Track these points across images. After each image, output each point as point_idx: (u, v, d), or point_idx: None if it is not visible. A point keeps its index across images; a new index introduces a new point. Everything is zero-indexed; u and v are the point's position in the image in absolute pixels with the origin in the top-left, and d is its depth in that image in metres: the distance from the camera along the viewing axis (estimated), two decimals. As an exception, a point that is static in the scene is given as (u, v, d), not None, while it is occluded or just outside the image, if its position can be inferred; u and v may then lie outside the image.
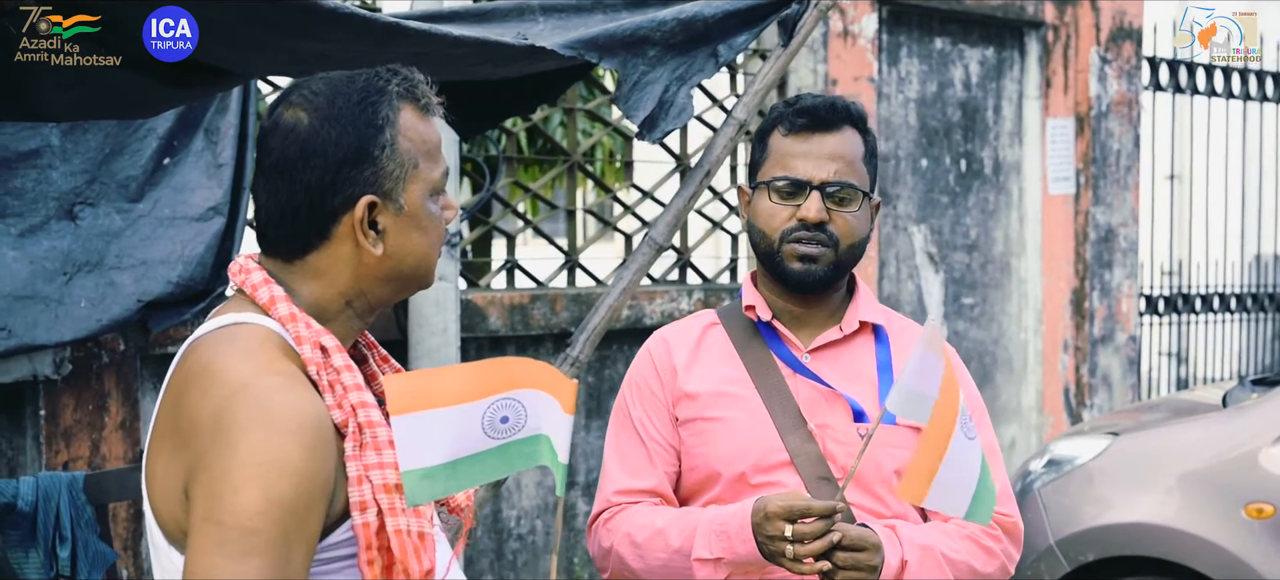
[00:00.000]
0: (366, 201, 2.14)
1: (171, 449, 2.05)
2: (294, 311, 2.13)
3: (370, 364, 2.35)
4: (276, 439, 1.96)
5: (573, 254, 6.77)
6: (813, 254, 2.99)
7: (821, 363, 3.05)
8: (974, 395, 3.09)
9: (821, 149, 3.01)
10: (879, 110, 7.93)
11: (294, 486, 1.95)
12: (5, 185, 4.71)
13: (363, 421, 2.07)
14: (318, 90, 2.17)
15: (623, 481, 3.09)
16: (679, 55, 4.15)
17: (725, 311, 3.17)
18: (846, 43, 7.69)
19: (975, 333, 8.55)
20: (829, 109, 3.04)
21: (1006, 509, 3.05)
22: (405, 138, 2.18)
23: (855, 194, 2.99)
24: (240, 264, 2.20)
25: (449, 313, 5.76)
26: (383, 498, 2.06)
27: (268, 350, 2.07)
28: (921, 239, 8.23)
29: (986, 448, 3.06)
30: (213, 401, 2.00)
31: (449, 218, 2.27)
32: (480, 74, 4.20)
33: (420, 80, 2.23)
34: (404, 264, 2.21)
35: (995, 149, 8.64)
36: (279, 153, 2.15)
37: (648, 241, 4.35)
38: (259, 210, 2.18)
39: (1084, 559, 5.63)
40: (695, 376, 3.07)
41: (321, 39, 3.62)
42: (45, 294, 4.70)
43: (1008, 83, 8.70)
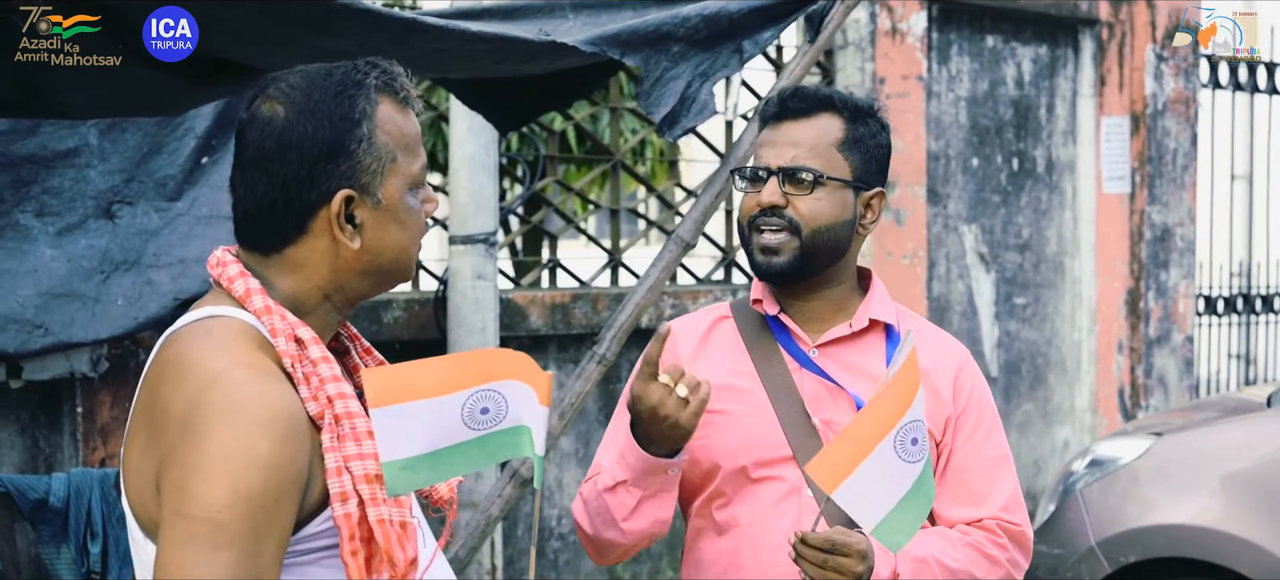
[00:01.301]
0: (343, 196, 2.14)
1: (145, 442, 2.06)
2: (269, 304, 2.13)
3: (352, 356, 2.34)
4: (245, 432, 1.96)
5: (616, 253, 6.76)
6: (772, 244, 2.96)
7: (828, 358, 3.02)
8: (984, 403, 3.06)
9: (786, 135, 3.00)
10: (928, 108, 7.87)
11: (263, 479, 1.95)
12: (43, 184, 4.74)
13: (341, 412, 2.07)
14: (294, 84, 2.17)
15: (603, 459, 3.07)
16: (703, 51, 4.14)
17: (737, 305, 3.15)
18: (895, 40, 7.64)
19: (1027, 333, 8.47)
20: (795, 95, 3.03)
21: (1014, 518, 3.01)
22: (382, 131, 2.17)
23: (811, 175, 2.95)
24: (218, 257, 2.20)
25: (488, 312, 5.76)
26: (364, 488, 2.05)
27: (241, 343, 2.07)
28: (972, 239, 8.16)
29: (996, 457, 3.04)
30: (184, 394, 2.01)
31: (430, 211, 2.26)
32: (505, 71, 4.20)
33: (399, 73, 2.22)
34: (382, 258, 2.20)
35: (1048, 148, 8.56)
36: (255, 146, 2.15)
37: (674, 240, 4.34)
38: (236, 204, 2.19)
39: (1125, 560, 5.56)
40: (700, 369, 3.04)
41: (340, 35, 3.62)
42: (83, 292, 4.74)
43: (1061, 81, 8.62)
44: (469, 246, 5.72)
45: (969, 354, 3.12)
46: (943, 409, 3.02)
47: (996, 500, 3.00)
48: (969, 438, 3.02)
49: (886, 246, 7.60)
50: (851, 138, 3.01)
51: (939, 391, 3.02)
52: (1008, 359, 8.33)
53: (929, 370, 3.02)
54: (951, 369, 3.06)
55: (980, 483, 3.01)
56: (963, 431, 3.02)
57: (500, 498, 4.45)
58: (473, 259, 5.73)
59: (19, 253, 4.67)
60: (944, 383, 3.03)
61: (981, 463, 3.02)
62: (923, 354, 3.02)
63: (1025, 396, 8.44)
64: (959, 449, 3.02)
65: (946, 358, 3.07)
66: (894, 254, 7.64)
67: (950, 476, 3.01)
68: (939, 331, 3.16)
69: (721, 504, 3.01)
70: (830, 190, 2.97)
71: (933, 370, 3.03)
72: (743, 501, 2.95)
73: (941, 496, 3.01)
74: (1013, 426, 8.34)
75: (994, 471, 3.02)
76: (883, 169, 3.08)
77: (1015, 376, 8.38)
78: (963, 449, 3.02)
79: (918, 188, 7.76)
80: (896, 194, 7.62)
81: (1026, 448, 8.44)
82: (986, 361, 8.20)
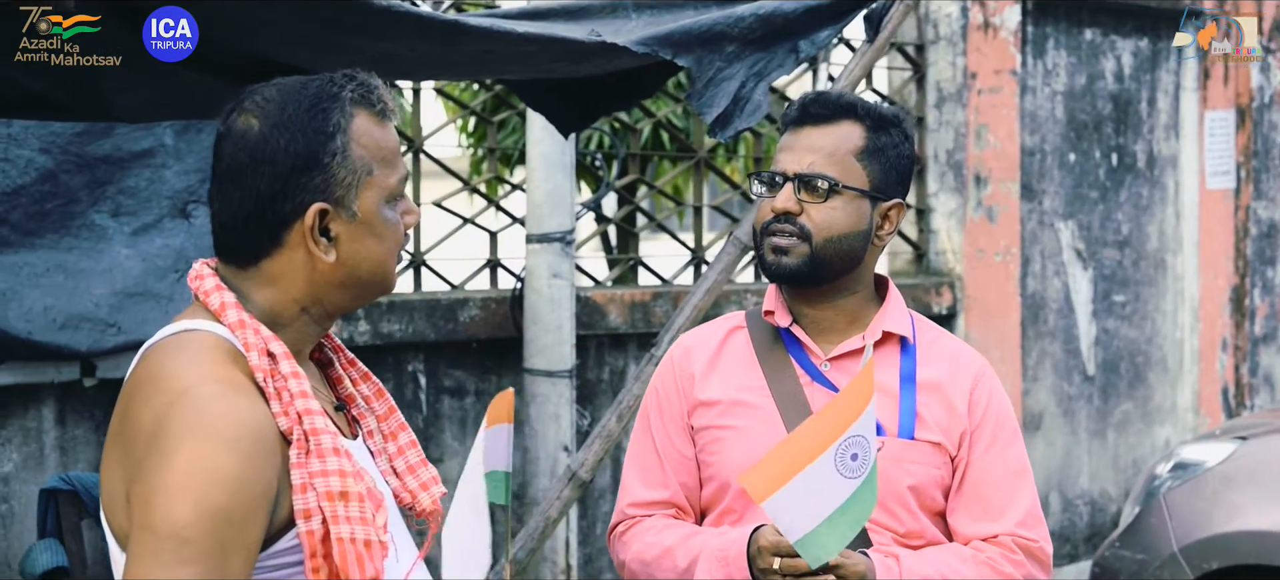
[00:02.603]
0: (317, 209, 2.13)
1: (118, 456, 2.07)
2: (243, 317, 2.12)
3: (336, 368, 2.34)
4: (211, 448, 1.96)
5: (699, 250, 6.73)
6: (783, 245, 2.92)
7: (841, 372, 2.96)
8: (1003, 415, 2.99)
9: (805, 141, 2.95)
10: (1023, 103, 7.76)
11: (229, 496, 1.95)
12: (119, 184, 4.80)
13: (308, 428, 2.06)
14: (269, 97, 2.16)
15: (639, 492, 3.06)
16: (758, 51, 4.08)
17: (753, 315, 3.10)
18: (987, 35, 7.54)
19: (1127, 331, 8.32)
20: (816, 101, 2.99)
21: (1032, 533, 2.94)
22: (358, 144, 2.16)
23: (827, 184, 2.90)
24: (196, 270, 2.21)
25: (564, 310, 5.76)
26: (326, 506, 2.04)
27: (213, 357, 2.07)
28: (1068, 235, 8.03)
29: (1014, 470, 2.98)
30: (153, 409, 2.01)
31: (410, 223, 2.24)
32: (557, 72, 4.18)
33: (377, 85, 2.21)
34: (359, 271, 2.19)
35: (1149, 142, 8.40)
36: (230, 159, 2.15)
37: (732, 241, 4.31)
38: (213, 216, 2.19)
39: (1208, 567, 5.44)
40: (712, 384, 3.01)
41: (384, 38, 3.63)
42: (157, 291, 4.80)
43: (1163, 74, 8.45)
44: (545, 245, 5.72)
45: (987, 365, 3.05)
46: (958, 423, 2.96)
47: (1013, 515, 2.94)
48: (986, 451, 2.96)
49: (978, 244, 7.51)
50: (872, 147, 2.96)
51: (954, 405, 2.97)
52: (1106, 357, 8.19)
53: (944, 383, 2.97)
54: (968, 381, 3.00)
55: (997, 497, 2.95)
56: (979, 444, 2.96)
57: (558, 500, 4.45)
58: (549, 257, 5.73)
59: (94, 252, 4.74)
60: (959, 396, 2.98)
61: (999, 476, 2.96)
62: (938, 367, 2.98)
63: (1124, 396, 8.30)
64: (975, 462, 2.96)
65: (963, 370, 3.01)
66: (986, 251, 7.54)
67: (966, 490, 2.96)
68: (956, 342, 3.10)
69: (733, 520, 2.97)
70: (846, 199, 2.92)
71: (948, 383, 2.97)
72: (753, 518, 2.90)
73: (957, 511, 2.96)
74: (1111, 426, 8.22)
75: (1012, 485, 2.96)
76: (904, 180, 3.02)
77: (1113, 375, 8.24)
78: (979, 462, 2.96)
79: (1011, 184, 7.65)
80: (989, 190, 7.53)
81: (1125, 448, 8.31)
82: (1084, 360, 8.08)
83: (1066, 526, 7.96)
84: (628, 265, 6.71)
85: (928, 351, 3.02)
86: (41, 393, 4.92)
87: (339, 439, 2.12)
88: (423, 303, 5.75)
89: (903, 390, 2.94)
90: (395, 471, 2.32)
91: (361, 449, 2.27)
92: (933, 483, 2.94)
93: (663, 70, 4.41)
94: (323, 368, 2.33)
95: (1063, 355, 8.00)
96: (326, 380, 2.32)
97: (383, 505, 2.15)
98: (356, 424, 2.32)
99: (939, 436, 2.94)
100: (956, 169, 7.50)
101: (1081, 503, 8.09)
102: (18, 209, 4.62)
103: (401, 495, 2.31)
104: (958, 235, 7.50)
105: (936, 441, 2.94)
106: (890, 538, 2.90)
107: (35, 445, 4.92)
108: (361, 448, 2.28)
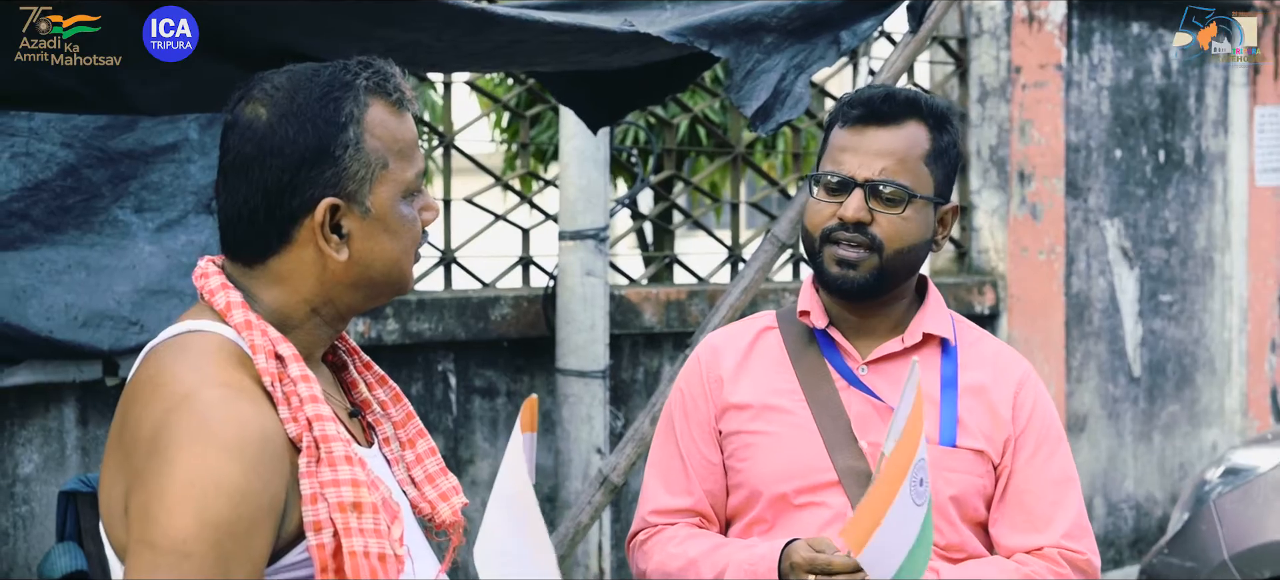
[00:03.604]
0: (327, 204, 2.01)
1: (116, 463, 1.96)
2: (250, 318, 2.00)
3: (350, 371, 2.21)
4: (214, 456, 1.84)
5: (736, 248, 6.61)
6: (851, 257, 2.76)
7: (878, 376, 2.82)
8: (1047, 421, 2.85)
9: (872, 144, 2.78)
10: (1068, 98, 7.61)
11: (232, 507, 1.83)
12: (143, 180, 4.73)
13: (318, 435, 1.94)
14: (279, 85, 2.04)
15: (661, 500, 2.92)
16: (798, 42, 3.95)
17: (784, 315, 2.96)
18: (1032, 28, 7.40)
19: (1174, 331, 8.17)
20: (886, 100, 2.81)
21: (1078, 545, 2.80)
22: (372, 136, 2.03)
23: (903, 194, 2.75)
24: (201, 267, 2.09)
25: (597, 309, 5.64)
26: (338, 517, 1.92)
27: (217, 360, 1.95)
28: (1114, 233, 7.89)
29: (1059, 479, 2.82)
30: (153, 415, 1.89)
31: (428, 219, 2.12)
32: (592, 63, 4.06)
33: (394, 73, 2.08)
34: (372, 270, 2.07)
35: (1197, 139, 8.24)
36: (236, 151, 2.03)
37: (770, 239, 4.18)
38: (220, 210, 2.07)
39: (1260, 576, 5.27)
40: (742, 386, 2.87)
41: (412, 28, 3.52)
42: (181, 289, 4.71)
43: (1212, 69, 8.29)
44: (578, 242, 5.61)
45: (1030, 368, 2.90)
46: (1001, 429, 2.82)
47: (1059, 526, 2.79)
48: (1030, 458, 2.82)
49: (1022, 242, 7.38)
50: (936, 149, 2.81)
51: (997, 410, 2.83)
52: (1152, 358, 8.05)
53: (987, 387, 2.83)
54: (1011, 386, 2.86)
55: (1042, 507, 2.80)
56: (1023, 452, 2.82)
57: (590, 505, 4.34)
58: (582, 255, 5.62)
59: (117, 249, 4.68)
60: (1003, 400, 2.84)
61: (1043, 485, 2.81)
62: (980, 370, 2.84)
63: (1171, 397, 8.15)
64: (1019, 471, 2.81)
65: (1006, 374, 2.87)
66: (1030, 249, 7.41)
67: (1010, 501, 2.81)
68: (998, 344, 2.96)
69: (763, 530, 2.83)
70: (917, 208, 2.78)
71: (991, 387, 2.83)
72: (785, 528, 2.77)
73: (1000, 522, 2.82)
74: (1157, 428, 8.07)
75: (1057, 495, 2.82)
76: (954, 180, 2.89)
77: (1160, 376, 8.09)
78: (1023, 471, 2.81)
79: (1056, 180, 7.51)
80: (1033, 187, 7.39)
81: (1172, 451, 8.16)
82: (1129, 361, 7.93)
83: (1111, 531, 7.82)
84: (663, 263, 6.59)
85: (969, 354, 2.88)
86: (62, 392, 4.83)
87: (352, 446, 2.00)
88: (453, 301, 5.65)
89: (944, 395, 2.80)
90: (413, 481, 2.20)
91: (377, 457, 2.16)
92: (975, 492, 2.81)
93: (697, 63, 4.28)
94: (336, 371, 2.21)
95: (1108, 356, 7.86)
96: (340, 385, 2.20)
97: (399, 516, 2.03)
98: (372, 431, 2.20)
99: (981, 444, 2.81)
100: (1000, 166, 7.37)
101: (1126, 507, 7.95)
102: (39, 205, 4.54)
103: (420, 506, 2.19)
104: (1001, 233, 7.38)
105: (979, 449, 2.80)
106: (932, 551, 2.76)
107: (56, 446, 4.83)
108: (377, 456, 2.16)
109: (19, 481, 4.76)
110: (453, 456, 5.67)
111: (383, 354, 5.44)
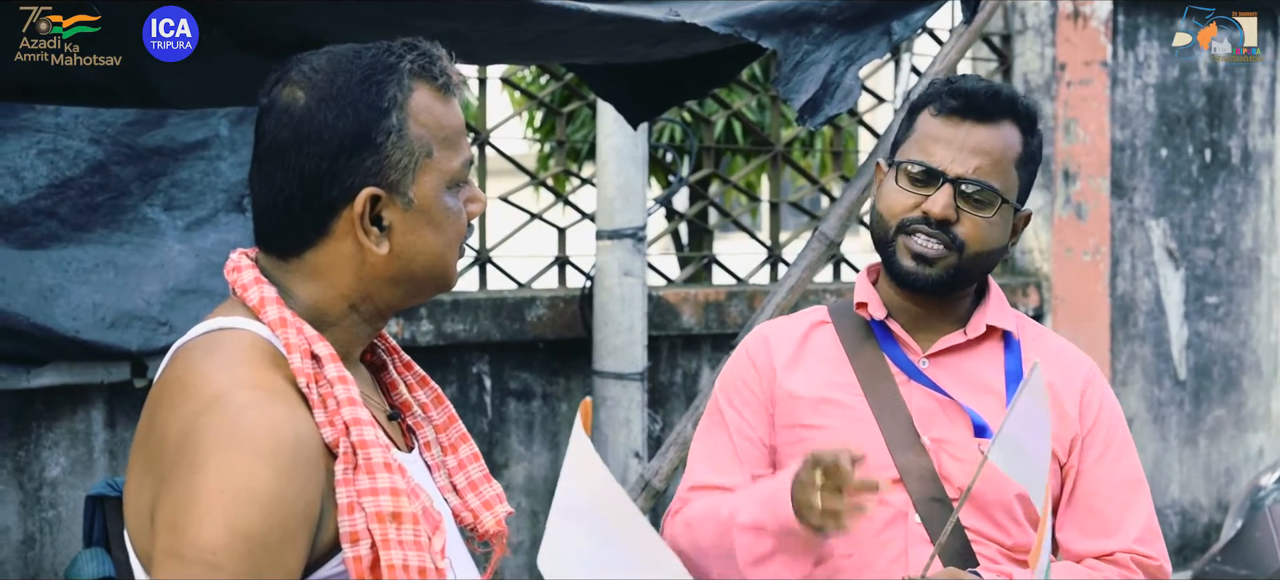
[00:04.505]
0: (367, 195, 1.88)
1: (142, 468, 1.83)
2: (285, 315, 1.88)
3: (390, 371, 2.09)
4: (245, 462, 1.72)
5: (775, 248, 6.48)
6: (929, 253, 2.63)
7: (940, 370, 2.70)
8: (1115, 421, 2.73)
9: (968, 139, 2.64)
10: (1114, 96, 7.48)
11: (264, 517, 1.71)
12: (173, 178, 4.67)
13: (356, 441, 1.81)
14: (318, 67, 1.92)
15: (703, 477, 2.77)
16: (848, 33, 3.82)
17: (837, 308, 2.83)
18: (1077, 25, 7.27)
19: (1220, 334, 8.03)
20: (989, 96, 2.67)
21: (1150, 551, 2.67)
22: (417, 122, 1.91)
23: (994, 198, 2.62)
24: (233, 261, 1.97)
25: (635, 310, 5.53)
26: (376, 528, 1.79)
27: (250, 359, 1.82)
28: (1160, 234, 7.75)
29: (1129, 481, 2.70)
30: (181, 418, 1.77)
31: (474, 212, 1.99)
32: (634, 55, 3.95)
33: (440, 56, 1.95)
34: (414, 265, 1.94)
35: (1244, 138, 8.10)
36: (272, 137, 1.91)
37: (817, 237, 4.06)
38: (254, 201, 1.95)
39: (1319, 585, 5.14)
40: (797, 378, 2.73)
41: (448, 17, 3.42)
42: (211, 288, 4.63)
43: (1259, 66, 8.14)
44: (616, 241, 5.51)
45: (1095, 367, 2.78)
46: (1068, 428, 2.69)
47: (1130, 530, 2.67)
48: (1098, 460, 2.69)
49: (1066, 243, 7.25)
50: (1027, 153, 2.69)
51: (1064, 409, 2.70)
52: (1198, 361, 7.91)
53: (1052, 385, 2.69)
54: (1078, 384, 2.73)
55: (1111, 511, 2.68)
56: (1090, 453, 2.69)
57: (631, 510, 4.19)
58: (620, 254, 5.51)
59: (145, 248, 4.62)
60: (1069, 399, 2.71)
61: (1112, 488, 2.69)
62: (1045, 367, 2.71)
63: (1217, 401, 8.01)
64: (1086, 473, 2.69)
65: (1072, 371, 2.75)
66: (1074, 250, 7.28)
67: (1077, 504, 2.69)
68: (1062, 341, 2.83)
69: None
70: (1002, 213, 2.65)
71: (1057, 385, 2.70)
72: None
73: (1067, 526, 2.69)
74: (1203, 433, 7.93)
75: (1127, 498, 2.69)
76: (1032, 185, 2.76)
77: (1206, 380, 7.95)
78: (1091, 473, 2.69)
79: (1101, 180, 7.38)
80: (1077, 187, 7.26)
81: (1217, 456, 8.02)
82: (1175, 364, 7.80)
83: (1157, 537, 7.68)
84: (701, 263, 6.48)
85: (1033, 350, 2.75)
86: (90, 394, 4.75)
87: (391, 452, 1.87)
88: (488, 301, 5.55)
89: (1008, 389, 2.67)
90: (455, 488, 2.07)
91: (417, 463, 2.03)
92: None
93: (741, 55, 4.17)
94: (375, 372, 2.08)
95: (1153, 359, 7.73)
96: (379, 386, 2.08)
97: (440, 527, 1.90)
98: (412, 435, 2.07)
99: None
100: (1044, 164, 7.22)
101: (1171, 513, 7.82)
102: (66, 202, 4.48)
103: (462, 515, 2.06)
104: (1045, 233, 7.25)
105: None
106: (996, 550, 2.65)
107: (83, 449, 4.74)
108: (417, 461, 2.03)
109: (46, 485, 4.68)
110: (487, 460, 5.51)
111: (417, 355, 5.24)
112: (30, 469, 4.66)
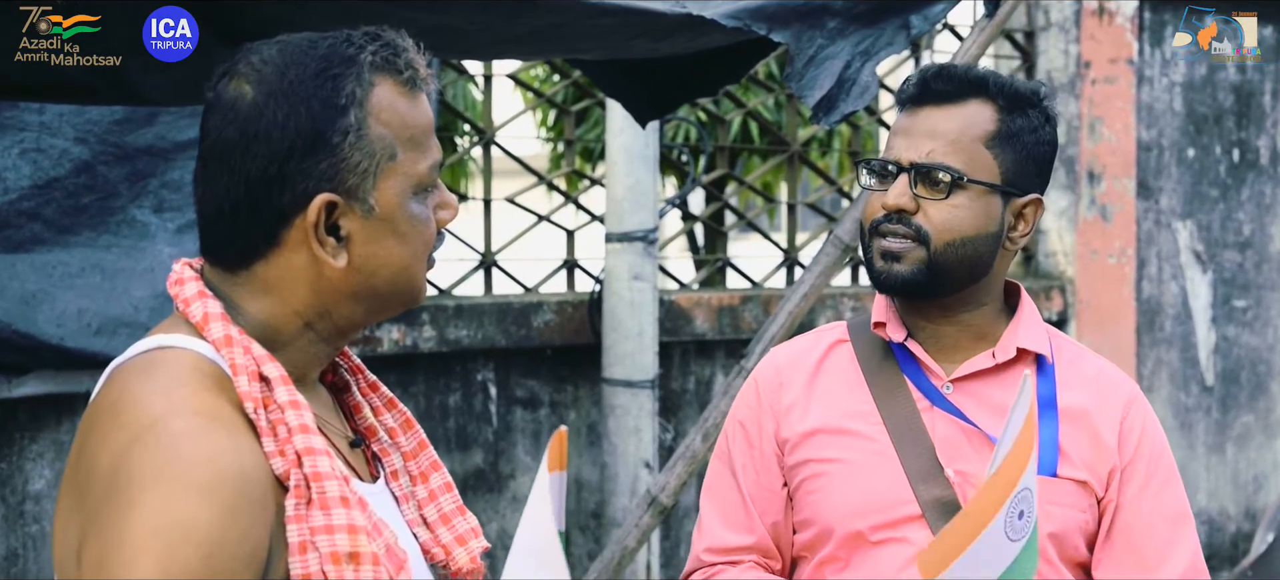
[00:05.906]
0: (322, 201, 1.70)
1: (70, 503, 1.65)
2: (231, 333, 1.69)
3: (353, 393, 1.90)
4: (182, 498, 1.53)
5: (792, 251, 6.31)
6: (895, 248, 2.46)
7: (966, 395, 2.50)
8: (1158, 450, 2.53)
9: (923, 124, 2.49)
10: (1140, 95, 7.30)
11: (203, 559, 1.53)
12: (162, 178, 4.54)
13: (309, 472, 1.62)
14: (268, 58, 1.73)
15: (719, 536, 2.61)
16: (864, 27, 3.65)
17: (856, 325, 2.64)
18: (1102, 21, 7.09)
19: (1248, 338, 7.85)
20: (939, 76, 2.51)
21: None
22: (378, 121, 1.72)
23: (951, 177, 2.45)
24: (175, 272, 1.79)
25: (646, 315, 5.37)
26: (331, 569, 1.61)
27: (192, 382, 1.64)
28: (1187, 236, 7.57)
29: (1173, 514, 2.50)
30: (112, 448, 1.59)
31: (445, 220, 1.80)
32: (640, 50, 3.78)
33: (406, 48, 1.77)
34: (376, 278, 1.76)
35: (1273, 137, 7.92)
36: (216, 135, 1.73)
37: (832, 240, 3.89)
38: (198, 207, 1.77)
39: (1355, 603, 4.96)
40: (812, 409, 2.55)
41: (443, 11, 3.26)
42: (203, 294, 4.46)
43: (1292, 64, 7.98)
44: (625, 244, 5.34)
45: (1138, 390, 2.58)
46: (1106, 458, 2.50)
47: (1174, 567, 2.49)
48: (1139, 492, 2.50)
49: (1091, 245, 7.07)
50: (1006, 131, 2.49)
51: (1102, 437, 2.50)
52: (1225, 367, 7.73)
53: (1090, 411, 2.50)
54: (1117, 410, 2.53)
55: (1153, 546, 2.49)
56: (1131, 484, 2.50)
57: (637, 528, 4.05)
58: (630, 257, 5.35)
59: (134, 251, 4.48)
60: (1108, 427, 2.51)
61: (1155, 522, 2.49)
62: (1081, 391, 2.51)
63: (1244, 408, 7.84)
64: (1126, 506, 2.50)
65: (1111, 396, 2.55)
66: (1099, 252, 7.10)
67: (1116, 539, 2.49)
68: (1100, 362, 2.63)
69: (836, 570, 2.52)
70: (972, 195, 2.46)
71: (1094, 411, 2.51)
72: (861, 566, 2.46)
73: (1105, 562, 2.49)
74: (1231, 440, 7.76)
75: (1170, 533, 2.50)
76: (1044, 171, 2.56)
77: (1233, 386, 7.78)
78: (1131, 506, 2.49)
79: (1126, 180, 7.21)
80: (1102, 188, 7.08)
81: (1246, 464, 7.84)
82: (1202, 369, 7.62)
83: (1184, 548, 7.51)
84: (715, 267, 6.32)
85: (1068, 373, 2.55)
86: (75, 403, 4.58)
87: (351, 484, 1.69)
88: (493, 306, 5.40)
89: (1042, 419, 2.47)
90: (425, 521, 1.88)
91: (383, 494, 1.84)
92: (1076, 528, 2.49)
93: (754, 50, 3.99)
94: (337, 393, 1.89)
95: (1179, 364, 7.55)
96: (341, 409, 1.89)
97: (406, 565, 1.72)
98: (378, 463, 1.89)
99: (1084, 474, 2.49)
100: (1068, 164, 7.07)
101: (1199, 521, 7.63)
102: (51, 204, 4.34)
103: (433, 551, 1.87)
104: (1069, 235, 7.08)
105: (1082, 480, 2.48)
106: None
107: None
108: (383, 492, 1.85)
109: (29, 499, 4.53)
110: (493, 470, 5.42)
111: (419, 363, 5.21)
112: (13, 482, 4.51)
